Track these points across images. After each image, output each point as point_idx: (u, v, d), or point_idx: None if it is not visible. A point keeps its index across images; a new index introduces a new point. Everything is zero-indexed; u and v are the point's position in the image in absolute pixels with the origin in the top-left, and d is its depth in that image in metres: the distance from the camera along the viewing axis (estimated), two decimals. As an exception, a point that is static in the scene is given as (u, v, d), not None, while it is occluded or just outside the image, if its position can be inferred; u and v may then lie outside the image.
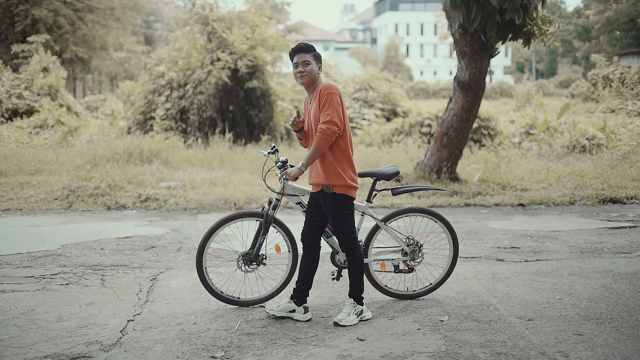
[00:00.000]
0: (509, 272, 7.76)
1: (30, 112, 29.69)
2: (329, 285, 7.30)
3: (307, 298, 6.39)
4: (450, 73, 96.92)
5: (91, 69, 50.27)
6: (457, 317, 6.19)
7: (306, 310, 6.25)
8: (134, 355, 5.37)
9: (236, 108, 21.52)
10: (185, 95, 21.98)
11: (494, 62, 73.46)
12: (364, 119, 25.33)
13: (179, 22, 23.04)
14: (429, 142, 19.54)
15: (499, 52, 13.37)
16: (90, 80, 54.51)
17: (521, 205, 12.45)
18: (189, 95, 21.83)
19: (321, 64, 6.18)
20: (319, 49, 26.15)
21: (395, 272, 6.76)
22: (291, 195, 6.45)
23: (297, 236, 6.56)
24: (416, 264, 6.76)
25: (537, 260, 8.38)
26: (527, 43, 13.00)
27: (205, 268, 6.53)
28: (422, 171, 13.89)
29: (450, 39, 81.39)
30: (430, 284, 6.91)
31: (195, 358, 5.32)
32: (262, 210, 6.43)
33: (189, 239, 9.78)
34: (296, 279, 6.35)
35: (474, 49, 13.08)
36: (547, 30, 13.00)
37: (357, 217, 6.63)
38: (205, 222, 11.02)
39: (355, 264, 6.20)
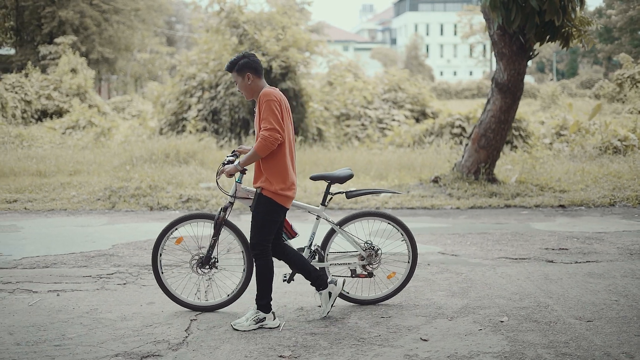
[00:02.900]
0: (561, 274, 7.79)
1: (59, 112, 29.93)
2: (383, 287, 7.35)
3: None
4: (471, 73, 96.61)
5: (116, 70, 50.57)
6: (517, 318, 6.23)
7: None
8: (202, 354, 5.46)
9: (268, 109, 21.57)
10: (217, 96, 22.10)
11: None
12: (393, 120, 25.36)
13: (210, 28, 23.13)
14: (461, 143, 19.64)
15: (537, 54, 13.39)
16: (115, 80, 54.83)
17: (561, 206, 12.46)
18: (221, 96, 21.94)
19: (250, 70, 6.10)
20: (339, 49, 26.27)
21: (351, 276, 6.70)
22: (244, 198, 6.43)
23: None
24: (373, 268, 6.70)
25: (587, 261, 8.40)
26: (565, 44, 12.99)
27: (161, 269, 6.61)
28: (460, 172, 13.92)
29: (472, 39, 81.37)
30: (389, 289, 6.85)
31: (263, 357, 5.40)
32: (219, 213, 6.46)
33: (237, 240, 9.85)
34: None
35: (513, 50, 13.10)
36: (585, 31, 12.99)
37: (312, 221, 6.62)
38: (249, 222, 11.09)
39: (262, 271, 6.15)
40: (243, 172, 6.31)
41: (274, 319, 6.19)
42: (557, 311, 6.42)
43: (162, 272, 6.63)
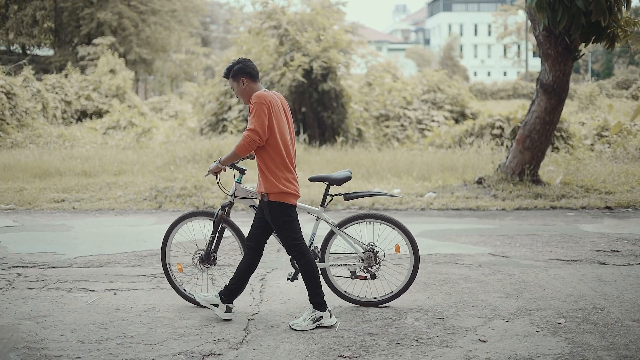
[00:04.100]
0: (615, 276, 7.75)
1: (98, 113, 30.22)
2: (437, 287, 7.38)
3: (234, 300, 6.50)
4: (505, 74, 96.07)
5: (153, 71, 50.95)
6: (574, 320, 6.21)
7: (229, 310, 6.35)
8: (263, 354, 5.51)
9: (308, 110, 21.68)
10: (257, 97, 22.16)
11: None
12: (432, 121, 25.31)
13: (252, 29, 23.24)
14: (502, 144, 19.55)
15: (583, 55, 13.30)
16: (152, 81, 55.24)
17: (608, 208, 12.37)
18: (261, 97, 22.00)
19: (244, 75, 6.20)
20: (372, 49, 26.15)
21: (351, 277, 6.71)
22: (243, 197, 6.55)
23: None
24: (373, 270, 6.67)
25: None
26: (611, 45, 12.88)
27: (169, 264, 6.87)
28: (504, 173, 13.87)
29: (507, 40, 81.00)
30: (392, 291, 6.81)
31: (323, 357, 5.44)
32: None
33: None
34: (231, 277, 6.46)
35: (558, 51, 13.03)
36: (631, 32, 12.89)
37: (312, 222, 6.63)
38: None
39: (306, 270, 6.24)
40: (242, 171, 6.50)
41: (331, 317, 6.24)
42: (613, 313, 6.40)
43: (171, 269, 6.93)
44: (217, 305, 6.36)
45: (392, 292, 6.81)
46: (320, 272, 6.61)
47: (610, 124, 21.26)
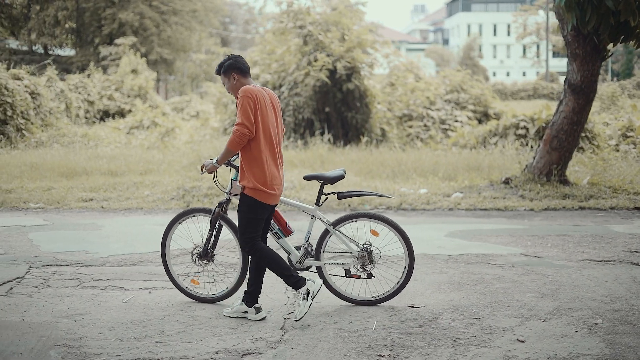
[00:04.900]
0: (649, 276, 7.73)
1: (120, 113, 30.35)
2: (471, 287, 7.36)
3: (259, 299, 6.52)
4: (524, 74, 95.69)
5: (174, 71, 51.12)
6: (611, 321, 6.18)
7: (258, 310, 6.38)
8: (302, 352, 5.52)
9: (332, 110, 21.70)
10: (281, 97, 22.24)
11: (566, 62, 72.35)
12: (456, 121, 25.27)
13: (276, 29, 23.30)
14: (527, 144, 19.48)
15: (611, 55, 13.24)
16: (172, 81, 55.43)
17: (637, 209, 12.31)
18: (285, 97, 22.08)
19: (235, 70, 6.27)
20: (395, 49, 26.12)
21: (346, 276, 6.75)
22: (239, 195, 6.53)
23: None
24: (367, 270, 6.69)
25: (674, 264, 8.33)
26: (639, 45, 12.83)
27: (169, 262, 7.04)
28: (532, 174, 13.82)
29: (527, 40, 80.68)
30: (388, 290, 6.81)
31: (362, 356, 5.44)
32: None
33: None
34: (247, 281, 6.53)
35: (586, 51, 12.98)
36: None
37: (307, 221, 6.62)
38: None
39: (263, 261, 6.31)
40: (238, 169, 6.54)
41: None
42: (651, 314, 6.37)
43: (171, 265, 7.08)
44: (246, 312, 6.41)
45: (388, 291, 6.82)
46: (316, 270, 6.77)
47: (634, 125, 21.14)
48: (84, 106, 29.22)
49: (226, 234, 6.91)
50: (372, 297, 6.84)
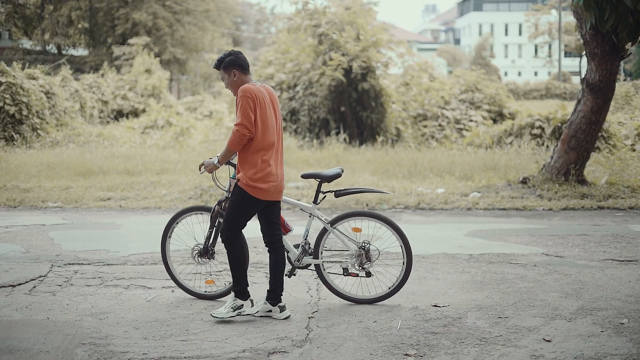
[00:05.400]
0: (673, 276, 7.70)
1: (134, 113, 30.41)
2: (494, 287, 7.34)
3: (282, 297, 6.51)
4: (536, 74, 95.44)
5: (187, 70, 51.20)
6: (637, 320, 6.16)
7: (282, 309, 6.40)
8: (328, 351, 5.52)
9: (347, 109, 21.71)
10: (295, 96, 22.25)
11: (578, 62, 72.12)
12: (470, 121, 25.23)
13: (291, 28, 23.32)
14: (543, 144, 19.43)
15: (630, 54, 13.18)
16: (185, 81, 55.52)
17: (657, 209, 12.30)
18: (299, 96, 22.10)
19: (236, 67, 6.29)
20: (402, 50, 26.18)
21: (343, 274, 6.79)
22: None
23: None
24: (366, 268, 6.71)
25: (697, 264, 8.29)
26: (658, 44, 12.78)
27: (169, 259, 7.12)
28: (549, 173, 13.77)
29: (539, 40, 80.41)
30: (385, 289, 6.84)
31: (388, 355, 5.44)
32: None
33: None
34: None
35: (605, 50, 12.93)
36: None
37: (305, 219, 6.63)
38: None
39: (230, 256, 6.37)
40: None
41: (252, 306, 6.45)
42: (677, 314, 6.35)
43: (171, 262, 7.16)
44: (270, 311, 6.41)
45: (385, 291, 6.84)
46: (314, 268, 6.81)
47: (650, 124, 21.07)
48: (98, 106, 29.30)
49: None
50: (371, 296, 6.88)
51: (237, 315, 6.31)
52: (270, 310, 6.41)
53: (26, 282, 7.54)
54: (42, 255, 8.80)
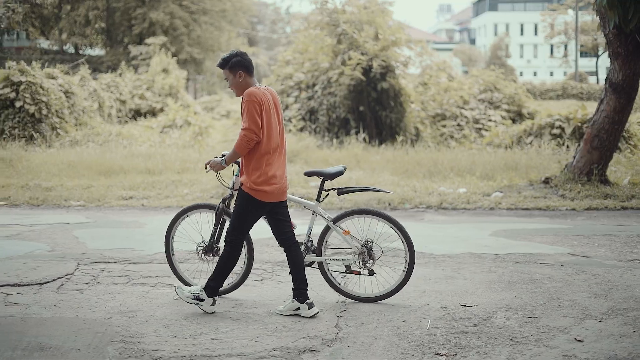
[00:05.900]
0: (702, 277, 7.65)
1: (152, 112, 30.47)
2: (522, 286, 7.31)
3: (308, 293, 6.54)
4: (551, 74, 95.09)
5: (203, 70, 51.30)
6: (668, 321, 6.13)
7: (310, 306, 6.40)
8: (359, 350, 5.51)
9: (366, 109, 21.69)
10: (314, 96, 22.25)
11: (595, 62, 71.84)
12: (489, 120, 25.17)
13: (310, 24, 23.33)
14: (564, 144, 19.35)
15: (654, 53, 13.12)
16: (201, 80, 55.63)
17: (680, 209, 12.22)
18: (318, 96, 22.10)
19: (242, 68, 6.31)
20: (417, 50, 26.17)
21: (346, 272, 6.80)
22: None
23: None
24: (368, 266, 6.73)
25: None
26: (682, 43, 12.70)
27: (173, 256, 7.19)
28: (572, 173, 13.71)
29: (555, 40, 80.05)
30: (388, 288, 6.83)
31: (419, 355, 5.42)
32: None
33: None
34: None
35: (629, 50, 12.86)
36: None
37: (308, 216, 6.61)
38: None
39: (224, 255, 6.44)
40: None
41: (212, 305, 6.47)
42: None
43: (175, 259, 7.25)
44: (298, 309, 6.41)
45: (388, 289, 6.83)
46: (318, 266, 6.86)
47: (670, 124, 20.95)
48: (116, 105, 29.38)
49: None
50: (373, 294, 6.88)
51: (195, 304, 6.43)
52: (298, 308, 6.40)
53: (53, 280, 7.57)
54: (68, 253, 8.83)
